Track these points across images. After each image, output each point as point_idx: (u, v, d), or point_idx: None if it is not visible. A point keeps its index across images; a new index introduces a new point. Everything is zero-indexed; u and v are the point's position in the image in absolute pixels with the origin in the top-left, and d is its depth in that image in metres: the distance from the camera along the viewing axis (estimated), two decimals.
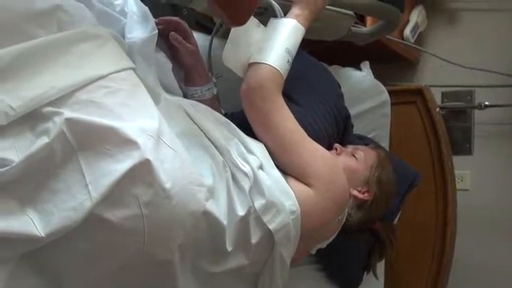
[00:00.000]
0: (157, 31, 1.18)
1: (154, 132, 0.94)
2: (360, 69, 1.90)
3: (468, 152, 2.42)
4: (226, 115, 1.31)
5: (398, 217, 1.77)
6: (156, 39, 1.18)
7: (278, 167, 1.17)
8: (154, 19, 1.20)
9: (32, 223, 0.83)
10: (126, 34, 1.13)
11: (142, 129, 0.92)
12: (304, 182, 1.17)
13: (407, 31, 2.33)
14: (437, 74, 2.47)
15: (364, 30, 1.70)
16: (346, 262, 1.58)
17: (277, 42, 1.23)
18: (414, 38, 2.38)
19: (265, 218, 1.08)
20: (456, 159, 2.12)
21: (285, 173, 1.18)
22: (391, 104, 1.88)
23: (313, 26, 1.31)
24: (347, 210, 1.29)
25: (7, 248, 0.83)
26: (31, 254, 0.86)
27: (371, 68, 1.90)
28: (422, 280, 2.05)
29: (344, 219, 1.29)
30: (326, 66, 1.65)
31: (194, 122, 1.14)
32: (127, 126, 0.90)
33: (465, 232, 2.10)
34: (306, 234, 1.16)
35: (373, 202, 1.35)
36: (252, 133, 1.22)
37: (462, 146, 2.42)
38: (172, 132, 1.01)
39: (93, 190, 0.85)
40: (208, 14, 1.39)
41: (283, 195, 1.12)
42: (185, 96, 1.34)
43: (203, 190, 0.99)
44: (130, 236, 0.90)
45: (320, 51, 1.66)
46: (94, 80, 0.92)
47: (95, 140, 0.88)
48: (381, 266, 1.71)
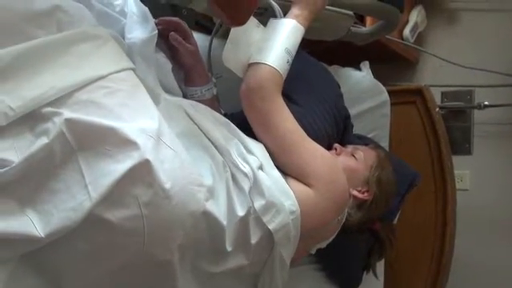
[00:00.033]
0: (156, 31, 1.17)
1: (153, 132, 0.94)
2: (360, 69, 1.89)
3: (467, 152, 2.42)
4: (225, 115, 1.31)
5: (397, 217, 1.77)
6: (156, 39, 1.17)
7: (277, 167, 1.17)
8: (154, 19, 1.20)
9: (31, 224, 0.83)
10: (126, 34, 1.13)
11: (142, 129, 0.92)
12: (304, 182, 1.17)
13: (407, 31, 2.33)
14: (436, 74, 2.47)
15: (363, 30, 1.70)
16: (345, 262, 1.58)
17: (276, 43, 1.23)
18: (414, 37, 2.37)
19: (264, 218, 1.08)
20: (455, 159, 2.12)
21: (284, 173, 1.18)
22: (391, 104, 1.88)
23: (312, 26, 1.31)
24: (347, 210, 1.29)
25: (7, 248, 0.83)
26: (31, 255, 0.86)
27: (371, 68, 1.90)
28: (421, 280, 2.05)
29: (344, 219, 1.29)
30: (325, 66, 1.65)
31: (194, 123, 1.14)
32: (127, 126, 0.90)
33: (464, 232, 2.10)
34: (305, 234, 1.16)
35: (372, 202, 1.34)
36: (252, 133, 1.22)
37: (462, 145, 2.41)
38: (172, 132, 1.01)
39: (92, 191, 0.85)
40: (208, 14, 1.39)
41: (283, 195, 1.12)
42: (184, 96, 1.34)
43: (203, 190, 0.99)
44: (129, 236, 0.90)
45: (320, 51, 1.66)
46: (93, 80, 0.92)
47: (95, 140, 0.88)
48: (380, 266, 1.71)
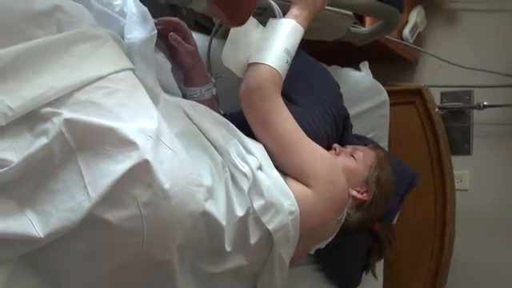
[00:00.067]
0: (156, 32, 1.17)
1: (152, 132, 0.93)
2: (359, 69, 1.89)
3: (467, 152, 2.42)
4: (225, 115, 1.31)
5: (396, 217, 1.77)
6: (155, 40, 1.17)
7: (277, 168, 1.17)
8: (154, 20, 1.20)
9: (31, 224, 0.83)
10: (125, 34, 1.13)
11: (141, 129, 0.92)
12: (303, 183, 1.17)
13: (406, 31, 2.33)
14: (436, 75, 2.47)
15: (363, 30, 1.70)
16: (344, 262, 1.58)
17: (276, 43, 1.23)
18: (413, 38, 2.37)
19: (264, 219, 1.08)
20: (455, 159, 2.12)
21: (284, 173, 1.18)
22: (390, 104, 1.88)
23: (312, 27, 1.31)
24: (346, 211, 1.29)
25: (6, 249, 0.83)
26: (30, 255, 0.86)
27: (370, 68, 1.90)
28: (420, 280, 2.05)
29: (343, 219, 1.29)
30: (325, 66, 1.65)
31: (193, 123, 1.14)
32: (126, 126, 0.90)
33: (463, 232, 2.10)
34: (304, 234, 1.16)
35: (372, 202, 1.34)
36: (251, 133, 1.22)
37: (461, 146, 2.42)
38: (171, 132, 1.01)
39: (91, 191, 0.85)
40: (207, 14, 1.39)
41: (282, 195, 1.12)
42: (184, 96, 1.34)
43: (202, 190, 0.99)
44: (129, 236, 0.90)
45: (319, 51, 1.66)
46: (93, 81, 0.91)
47: (94, 140, 0.88)
48: (380, 266, 1.71)
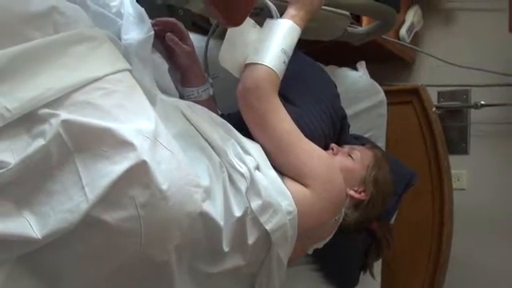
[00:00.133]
0: (153, 32, 1.17)
1: (150, 133, 0.93)
2: (356, 69, 1.90)
3: (464, 151, 2.42)
4: (222, 116, 1.31)
5: (394, 216, 1.77)
6: (152, 40, 1.17)
7: (274, 168, 1.17)
8: (150, 20, 1.20)
9: (28, 225, 0.83)
10: (122, 35, 1.13)
11: (139, 130, 0.92)
12: (301, 183, 1.17)
13: (403, 31, 2.33)
14: (433, 74, 2.48)
15: (360, 30, 1.70)
16: (342, 262, 1.58)
17: (273, 43, 1.23)
18: (410, 37, 2.38)
19: (262, 219, 1.08)
20: (452, 159, 2.12)
21: (281, 173, 1.18)
22: (387, 104, 1.88)
23: (309, 27, 1.31)
24: (344, 210, 1.29)
25: (4, 250, 0.83)
26: (28, 256, 0.86)
27: (367, 68, 1.90)
28: (418, 279, 2.05)
29: (341, 219, 1.29)
30: (322, 66, 1.65)
31: (191, 123, 1.14)
32: (123, 127, 0.90)
33: (461, 231, 2.11)
34: (302, 234, 1.16)
35: (369, 202, 1.34)
36: (248, 133, 1.22)
37: (458, 145, 2.42)
38: (168, 133, 1.01)
39: (89, 192, 0.85)
40: (204, 14, 1.38)
41: (280, 195, 1.12)
42: (181, 97, 1.34)
43: (200, 190, 0.99)
44: (126, 237, 0.90)
45: (316, 51, 1.66)
46: (90, 82, 0.91)
47: (92, 141, 0.88)
48: (378, 266, 1.71)
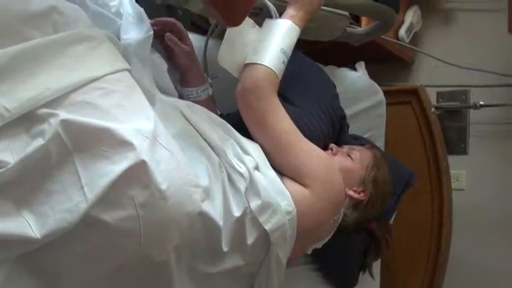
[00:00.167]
0: (152, 32, 1.17)
1: (149, 133, 0.93)
2: (355, 69, 1.90)
3: (463, 152, 2.43)
4: (221, 116, 1.31)
5: (393, 216, 1.77)
6: (151, 40, 1.17)
7: (273, 168, 1.17)
8: (150, 20, 1.20)
9: (28, 225, 0.83)
10: (122, 35, 1.13)
11: (138, 130, 0.92)
12: (300, 183, 1.17)
13: (402, 31, 2.33)
14: (432, 74, 2.48)
15: (359, 30, 1.70)
16: (341, 262, 1.58)
17: (272, 43, 1.23)
18: (409, 38, 2.38)
19: (261, 219, 1.08)
20: (451, 159, 2.12)
21: (281, 173, 1.18)
22: (386, 104, 1.88)
23: (308, 27, 1.31)
24: (343, 210, 1.29)
25: (3, 249, 0.83)
26: (27, 256, 0.86)
27: (366, 68, 1.91)
28: (417, 279, 2.06)
29: (340, 219, 1.29)
30: (321, 66, 1.65)
31: (190, 123, 1.14)
32: (123, 127, 0.90)
33: (460, 231, 2.11)
34: (302, 234, 1.16)
35: (368, 202, 1.34)
36: (248, 133, 1.22)
37: (458, 145, 2.42)
38: (168, 133, 1.01)
39: (88, 192, 0.85)
40: (203, 14, 1.39)
41: (279, 195, 1.12)
42: (180, 97, 1.34)
43: (199, 190, 0.99)
44: (126, 237, 0.90)
45: (315, 51, 1.66)
46: (89, 81, 0.91)
47: (91, 141, 0.87)
48: (377, 266, 1.72)
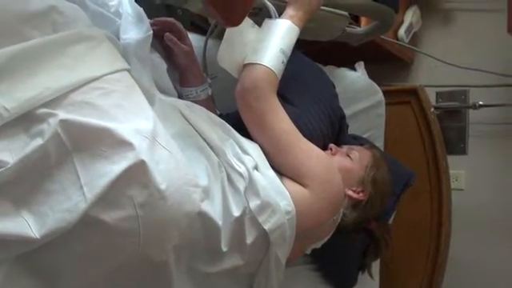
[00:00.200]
0: (151, 32, 1.17)
1: (148, 133, 0.93)
2: (355, 69, 1.90)
3: (462, 152, 2.43)
4: (220, 116, 1.32)
5: (392, 216, 1.77)
6: (151, 40, 1.17)
7: (273, 167, 1.17)
8: (149, 20, 1.20)
9: (27, 225, 0.83)
10: (121, 34, 1.13)
11: (137, 130, 0.92)
12: (299, 183, 1.17)
13: (401, 31, 2.33)
14: (431, 74, 2.48)
15: (358, 30, 1.70)
16: (341, 262, 1.58)
17: (271, 43, 1.23)
18: (409, 38, 2.38)
19: (260, 219, 1.08)
20: (451, 159, 2.12)
21: (280, 173, 1.18)
22: (386, 104, 1.88)
23: (307, 27, 1.31)
24: (342, 210, 1.29)
25: (2, 249, 0.83)
26: (26, 256, 0.86)
27: (366, 68, 1.91)
28: (417, 279, 2.06)
29: (339, 219, 1.29)
30: (320, 66, 1.65)
31: (189, 123, 1.14)
32: (122, 127, 0.90)
33: (460, 231, 2.11)
34: (301, 234, 1.16)
35: (368, 202, 1.34)
36: (247, 133, 1.22)
37: (457, 145, 2.42)
38: (167, 133, 1.01)
39: (88, 192, 0.85)
40: (203, 14, 1.39)
41: (278, 195, 1.12)
42: (180, 97, 1.34)
43: (198, 190, 0.99)
44: (125, 237, 0.90)
45: (315, 52, 1.66)
46: (88, 81, 0.91)
47: (90, 141, 0.87)
48: (376, 266, 1.72)
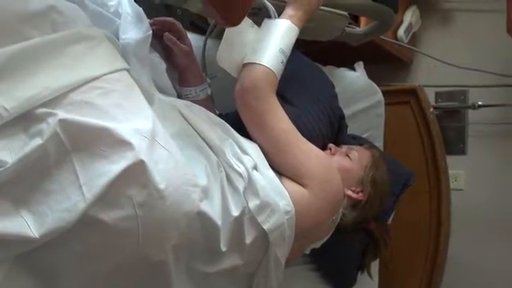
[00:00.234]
0: (151, 32, 1.17)
1: (148, 133, 0.93)
2: (354, 69, 1.90)
3: (462, 152, 2.43)
4: (220, 115, 1.31)
5: (392, 216, 1.77)
6: (150, 40, 1.17)
7: (272, 167, 1.17)
8: (148, 20, 1.20)
9: (26, 224, 0.83)
10: (120, 34, 1.13)
11: (136, 129, 0.92)
12: (298, 183, 1.17)
13: (401, 31, 2.33)
14: (430, 74, 2.48)
15: (358, 30, 1.70)
16: (340, 262, 1.58)
17: (271, 43, 1.23)
18: (408, 38, 2.38)
19: (259, 218, 1.08)
20: (450, 159, 2.13)
21: (279, 173, 1.18)
22: (385, 104, 1.88)
23: (307, 27, 1.31)
24: (341, 210, 1.29)
25: (1, 249, 0.83)
26: (25, 255, 0.86)
27: (365, 68, 1.91)
28: (416, 279, 2.06)
29: (338, 219, 1.29)
30: (320, 66, 1.65)
31: (189, 123, 1.14)
32: (121, 126, 0.90)
33: (459, 231, 2.11)
34: (300, 234, 1.16)
35: (367, 202, 1.34)
36: (246, 133, 1.22)
37: (456, 145, 2.43)
38: (166, 133, 1.01)
39: (87, 191, 0.85)
40: (202, 14, 1.39)
41: (277, 195, 1.12)
42: (179, 96, 1.34)
43: (197, 190, 0.99)
44: (124, 237, 0.90)
45: (314, 51, 1.66)
46: (87, 81, 0.91)
47: (89, 141, 0.87)
48: (375, 266, 1.71)
